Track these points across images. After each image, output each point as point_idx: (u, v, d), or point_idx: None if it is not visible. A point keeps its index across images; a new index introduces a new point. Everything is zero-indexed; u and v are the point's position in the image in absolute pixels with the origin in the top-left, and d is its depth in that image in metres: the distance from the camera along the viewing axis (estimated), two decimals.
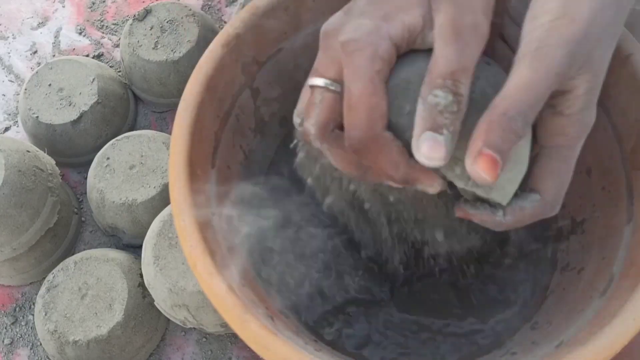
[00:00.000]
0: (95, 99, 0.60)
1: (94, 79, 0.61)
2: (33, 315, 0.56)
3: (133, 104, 0.66)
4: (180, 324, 0.51)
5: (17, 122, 0.67)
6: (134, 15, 0.64)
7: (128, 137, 0.58)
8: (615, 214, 0.39)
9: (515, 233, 0.46)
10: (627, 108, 0.38)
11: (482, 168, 0.28)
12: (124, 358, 0.51)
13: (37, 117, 0.60)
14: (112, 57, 0.70)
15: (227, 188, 0.41)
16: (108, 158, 0.57)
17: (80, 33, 0.72)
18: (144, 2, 0.73)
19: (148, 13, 0.64)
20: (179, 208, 0.35)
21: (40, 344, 0.55)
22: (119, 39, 0.70)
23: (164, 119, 0.66)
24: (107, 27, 0.72)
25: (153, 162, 0.56)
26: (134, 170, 0.56)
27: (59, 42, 0.72)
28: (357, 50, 0.29)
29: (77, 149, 0.61)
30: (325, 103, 0.31)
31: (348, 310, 0.45)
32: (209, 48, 0.39)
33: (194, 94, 0.38)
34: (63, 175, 0.60)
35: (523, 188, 0.32)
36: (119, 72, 0.68)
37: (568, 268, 0.43)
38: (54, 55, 0.71)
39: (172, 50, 0.62)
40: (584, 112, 0.30)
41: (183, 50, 0.62)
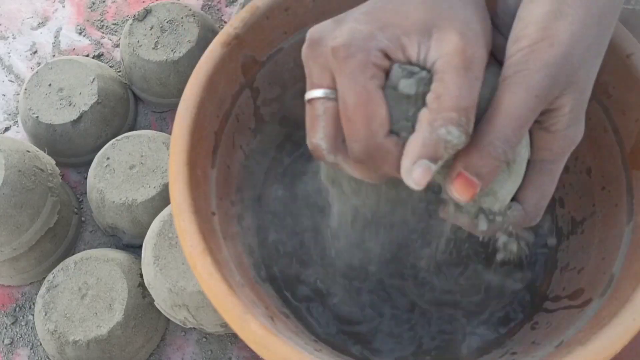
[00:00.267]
0: (95, 99, 0.60)
1: (94, 79, 0.61)
2: (33, 315, 0.56)
3: (133, 104, 0.66)
4: (180, 324, 0.51)
5: (17, 122, 0.67)
6: (134, 15, 0.64)
7: (128, 137, 0.58)
8: (615, 214, 0.39)
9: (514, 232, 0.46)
10: (627, 108, 0.38)
11: (457, 188, 0.29)
12: (124, 358, 0.51)
13: (37, 117, 0.60)
14: (112, 57, 0.70)
15: (227, 188, 0.41)
16: (108, 158, 0.57)
17: (80, 33, 0.72)
18: (144, 2, 0.73)
19: (148, 13, 0.64)
20: (179, 208, 0.35)
21: (40, 344, 0.55)
22: (119, 39, 0.70)
23: (164, 119, 0.66)
24: (107, 27, 0.72)
25: (153, 162, 0.56)
26: (134, 170, 0.56)
27: (59, 42, 0.72)
28: (349, 57, 0.28)
29: (77, 149, 0.61)
30: (329, 113, 0.30)
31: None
32: (209, 48, 0.39)
33: (194, 94, 0.38)
34: (63, 175, 0.60)
35: None
36: (119, 72, 0.68)
37: (568, 268, 0.43)
38: (54, 55, 0.71)
39: (172, 50, 0.62)
40: (570, 128, 0.30)
41: (183, 50, 0.62)
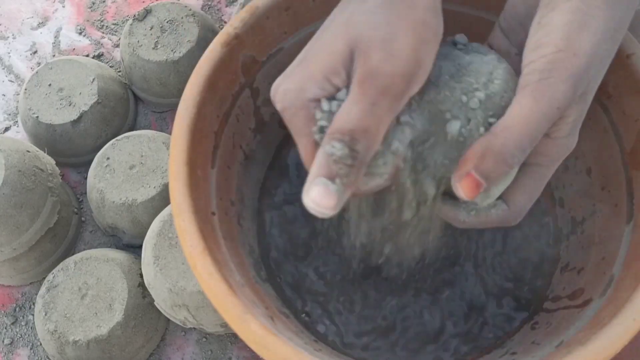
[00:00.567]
0: (95, 99, 0.60)
1: (94, 79, 0.61)
2: (33, 315, 0.56)
3: (133, 104, 0.66)
4: (180, 324, 0.51)
5: (17, 122, 0.67)
6: (134, 15, 0.64)
7: (128, 137, 0.58)
8: (615, 214, 0.39)
9: (513, 234, 0.46)
10: (627, 108, 0.38)
11: (464, 187, 0.29)
12: (124, 358, 0.51)
13: (37, 117, 0.60)
14: (112, 57, 0.70)
15: (227, 188, 0.41)
16: (108, 158, 0.57)
17: (80, 33, 0.72)
18: (144, 2, 0.73)
19: (148, 13, 0.64)
20: (179, 208, 0.35)
21: (40, 344, 0.55)
22: (119, 39, 0.70)
23: (164, 119, 0.66)
24: (107, 27, 0.72)
25: (153, 162, 0.56)
26: (134, 170, 0.56)
27: (59, 42, 0.72)
28: (292, 117, 0.30)
29: (77, 149, 0.61)
30: None
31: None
32: (209, 48, 0.39)
33: (194, 94, 0.38)
34: (63, 175, 0.60)
35: None
36: (119, 72, 0.68)
37: (568, 268, 0.43)
38: (54, 55, 0.71)
39: (172, 50, 0.62)
40: (569, 136, 0.30)
41: (183, 50, 0.62)
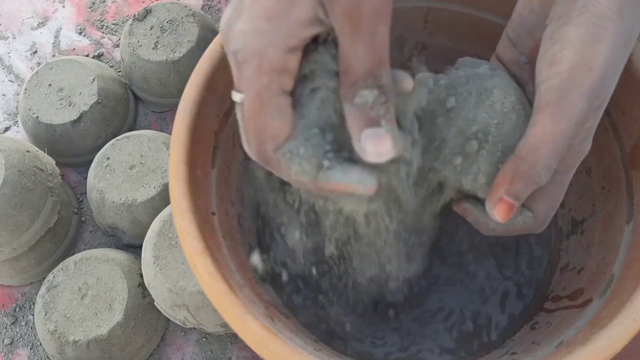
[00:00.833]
0: (95, 99, 0.60)
1: (94, 79, 0.61)
2: (33, 315, 0.56)
3: (133, 104, 0.66)
4: (180, 324, 0.51)
5: (17, 122, 0.67)
6: (134, 15, 0.64)
7: (128, 137, 0.58)
8: (615, 214, 0.39)
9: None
10: (627, 108, 0.38)
11: (499, 212, 0.30)
12: (124, 358, 0.51)
13: (37, 117, 0.60)
14: (112, 57, 0.70)
15: (227, 188, 0.41)
16: (108, 158, 0.57)
17: (80, 33, 0.72)
18: (144, 2, 0.73)
19: (148, 13, 0.64)
20: (179, 208, 0.35)
21: (40, 344, 0.55)
22: (119, 39, 0.70)
23: (164, 119, 0.66)
24: (107, 27, 0.72)
25: (153, 162, 0.56)
26: (134, 170, 0.56)
27: (59, 42, 0.72)
28: (244, 62, 0.27)
29: (77, 149, 0.61)
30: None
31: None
32: (209, 48, 0.39)
33: (194, 94, 0.38)
34: (63, 175, 0.60)
35: None
36: (119, 72, 0.68)
37: (568, 268, 0.43)
38: (54, 55, 0.71)
39: (172, 50, 0.62)
40: (584, 142, 0.31)
41: (183, 50, 0.62)
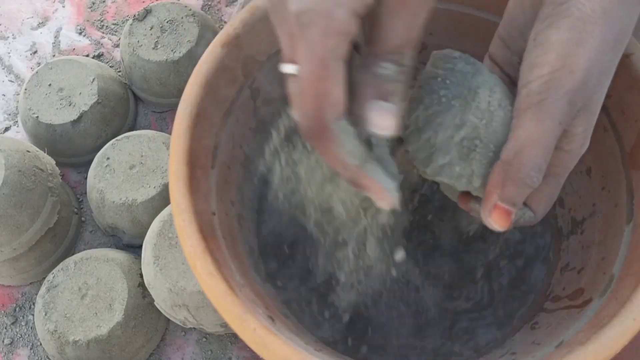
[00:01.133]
0: (95, 99, 0.60)
1: (94, 79, 0.61)
2: (33, 315, 0.56)
3: (133, 104, 0.66)
4: (180, 324, 0.51)
5: (17, 122, 0.67)
6: (134, 15, 0.64)
7: (128, 137, 0.58)
8: (615, 214, 0.39)
9: (513, 234, 0.46)
10: (627, 108, 0.38)
11: (496, 220, 0.30)
12: (124, 358, 0.51)
13: (37, 117, 0.60)
14: (112, 57, 0.70)
15: (227, 188, 0.41)
16: (108, 158, 0.57)
17: (80, 33, 0.72)
18: (144, 2, 0.73)
19: (148, 13, 0.64)
20: (179, 208, 0.35)
21: (40, 344, 0.55)
22: (119, 39, 0.70)
23: (164, 119, 0.66)
24: (107, 27, 0.72)
25: (153, 162, 0.56)
26: (134, 170, 0.56)
27: (59, 42, 0.72)
28: (309, 24, 0.25)
29: (77, 149, 0.61)
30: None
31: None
32: (209, 48, 0.39)
33: (194, 94, 0.38)
34: (63, 175, 0.60)
35: None
36: (119, 72, 0.68)
37: (568, 268, 0.43)
38: (54, 55, 0.71)
39: (172, 50, 0.62)
40: (576, 145, 0.31)
41: (183, 50, 0.62)
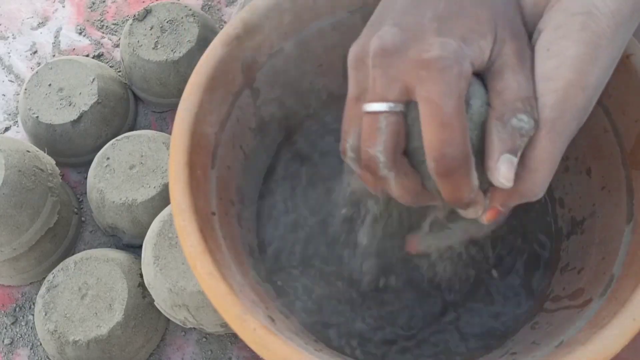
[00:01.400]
0: (95, 99, 0.60)
1: (94, 79, 0.61)
2: (33, 315, 0.56)
3: (133, 104, 0.66)
4: (180, 324, 0.51)
5: (17, 122, 0.67)
6: (134, 15, 0.64)
7: (128, 137, 0.58)
8: (615, 214, 0.39)
9: (514, 234, 0.46)
10: (627, 108, 0.38)
11: (488, 218, 0.33)
12: (124, 358, 0.51)
13: (37, 117, 0.60)
14: (112, 57, 0.70)
15: (227, 188, 0.41)
16: (108, 158, 0.57)
17: (80, 33, 0.72)
18: (144, 2, 0.73)
19: (148, 13, 0.64)
20: (179, 208, 0.35)
21: (40, 344, 0.55)
22: (119, 39, 0.70)
23: (164, 119, 0.66)
24: (107, 27, 0.72)
25: (153, 162, 0.56)
26: (134, 170, 0.56)
27: (59, 42, 0.72)
28: (447, 68, 0.29)
29: (77, 149, 0.61)
30: (392, 127, 0.30)
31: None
32: (209, 48, 0.39)
33: (194, 94, 0.38)
34: (63, 175, 0.60)
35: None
36: (119, 72, 0.68)
37: (568, 268, 0.43)
38: (54, 55, 0.71)
39: (172, 50, 0.62)
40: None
41: (183, 50, 0.62)
